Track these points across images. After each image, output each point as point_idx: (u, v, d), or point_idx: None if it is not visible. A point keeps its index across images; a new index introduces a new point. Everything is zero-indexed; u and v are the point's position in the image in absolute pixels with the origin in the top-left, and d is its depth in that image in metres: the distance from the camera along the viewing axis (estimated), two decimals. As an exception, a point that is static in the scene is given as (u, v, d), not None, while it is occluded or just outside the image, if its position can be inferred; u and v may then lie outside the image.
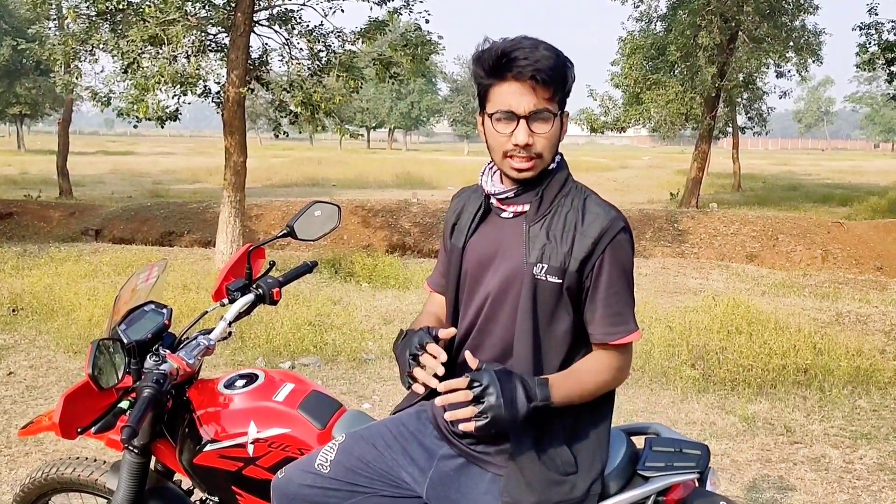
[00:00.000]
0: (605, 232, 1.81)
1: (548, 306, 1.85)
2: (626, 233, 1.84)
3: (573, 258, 1.81)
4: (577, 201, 1.87)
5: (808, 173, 38.85)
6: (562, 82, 1.82)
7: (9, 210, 16.48)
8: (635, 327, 1.86)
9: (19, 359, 6.15)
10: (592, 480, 1.87)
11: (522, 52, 1.76)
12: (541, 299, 1.85)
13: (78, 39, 9.60)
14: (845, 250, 13.76)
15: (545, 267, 1.83)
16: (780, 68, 22.73)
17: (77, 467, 2.54)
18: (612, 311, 1.83)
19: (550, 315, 1.85)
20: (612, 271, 1.82)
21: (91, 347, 1.99)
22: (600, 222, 1.82)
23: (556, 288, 1.83)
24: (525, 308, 1.85)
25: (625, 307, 1.85)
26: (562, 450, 1.86)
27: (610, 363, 1.86)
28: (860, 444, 4.68)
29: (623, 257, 1.84)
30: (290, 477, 2.06)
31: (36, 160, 36.41)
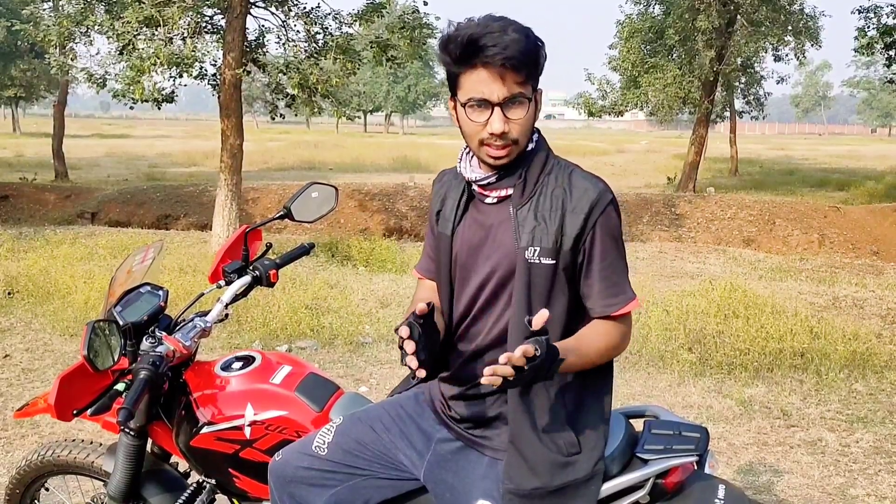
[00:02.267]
0: (595, 205, 1.79)
1: (543, 290, 1.82)
2: (613, 203, 1.83)
3: (566, 236, 1.79)
4: (562, 178, 1.84)
5: (806, 158, 38.82)
6: (533, 65, 1.77)
7: (4, 193, 16.44)
8: (633, 295, 1.86)
9: (15, 341, 6.13)
10: (597, 459, 1.86)
11: (491, 38, 1.70)
12: (535, 283, 1.82)
13: (73, 21, 9.53)
14: (842, 235, 13.78)
15: (537, 250, 1.80)
16: (778, 52, 22.66)
17: (73, 450, 2.53)
18: (609, 282, 1.82)
19: (546, 298, 1.82)
20: (604, 242, 1.81)
21: (86, 329, 1.97)
22: (589, 196, 1.80)
23: (550, 270, 1.81)
24: (520, 294, 1.83)
25: (620, 276, 1.85)
26: (564, 430, 1.85)
27: (613, 332, 1.85)
28: (856, 428, 4.69)
29: (613, 227, 1.82)
30: (287, 459, 2.05)
31: (31, 143, 36.27)
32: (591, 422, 1.89)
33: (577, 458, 1.85)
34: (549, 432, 1.84)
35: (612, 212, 1.82)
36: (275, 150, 33.80)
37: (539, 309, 1.77)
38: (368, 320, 6.77)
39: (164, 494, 2.39)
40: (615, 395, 5.18)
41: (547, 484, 1.82)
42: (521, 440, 1.85)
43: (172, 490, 2.40)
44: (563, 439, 1.85)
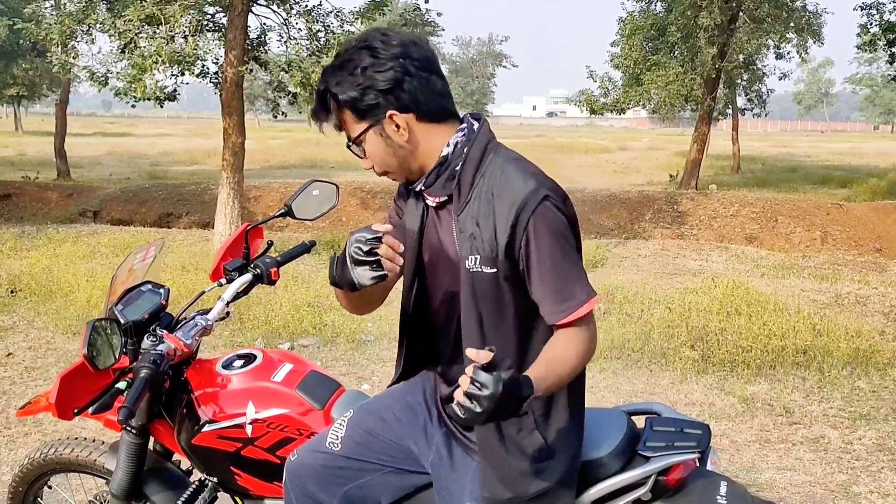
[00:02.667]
0: (522, 208, 1.66)
1: (490, 299, 1.74)
2: (550, 199, 1.68)
3: (498, 244, 1.69)
4: (495, 177, 1.73)
5: (808, 155, 38.74)
6: (342, 107, 1.74)
7: (7, 192, 16.45)
8: (584, 297, 1.69)
9: (18, 340, 6.14)
10: (569, 463, 1.82)
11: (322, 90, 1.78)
12: (481, 293, 1.75)
13: (75, 19, 9.52)
14: (845, 232, 13.76)
15: (478, 258, 1.72)
16: (781, 49, 22.61)
17: (76, 448, 2.54)
18: (553, 287, 1.69)
19: (495, 308, 1.75)
20: (541, 245, 1.67)
21: (86, 328, 1.97)
22: (515, 199, 1.68)
23: (492, 278, 1.72)
24: (467, 305, 1.77)
25: (566, 280, 1.69)
26: (533, 438, 1.79)
27: (576, 339, 1.71)
28: (859, 425, 4.68)
29: (551, 227, 1.68)
30: (302, 459, 2.05)
31: (33, 142, 36.27)
32: (562, 425, 1.82)
33: (550, 464, 1.80)
34: (517, 441, 1.79)
35: (551, 210, 1.68)
36: (276, 148, 33.79)
37: (490, 320, 1.76)
38: (370, 318, 6.77)
39: (167, 492, 2.39)
40: (617, 393, 5.18)
41: (522, 493, 1.80)
42: (489, 451, 1.81)
43: (174, 488, 2.40)
44: (532, 447, 1.79)
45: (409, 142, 1.75)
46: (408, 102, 1.71)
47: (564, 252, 1.69)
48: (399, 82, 1.69)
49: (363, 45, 1.72)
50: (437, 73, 1.75)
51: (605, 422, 2.04)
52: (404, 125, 1.73)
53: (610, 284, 7.57)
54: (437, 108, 1.75)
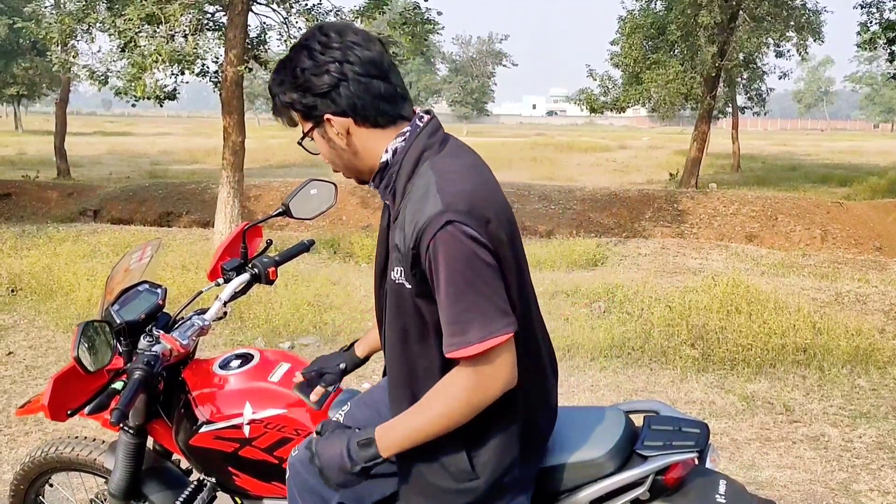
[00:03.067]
0: (423, 231, 1.55)
1: (412, 314, 1.66)
2: (454, 224, 1.54)
3: (405, 260, 1.61)
4: (419, 188, 1.63)
5: (808, 153, 38.74)
6: (295, 108, 1.72)
7: (7, 191, 16.46)
8: (476, 338, 1.54)
9: (19, 339, 6.15)
10: (497, 479, 1.73)
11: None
12: (403, 307, 1.67)
13: (75, 18, 9.53)
14: (845, 230, 13.76)
15: (401, 270, 1.63)
16: (780, 48, 22.62)
17: (76, 447, 2.54)
18: (448, 319, 1.56)
19: (417, 323, 1.66)
20: (440, 273, 1.55)
21: (77, 330, 1.96)
22: (417, 219, 1.57)
23: (410, 293, 1.63)
24: (391, 318, 1.71)
25: (462, 314, 1.55)
26: (458, 456, 1.70)
27: (459, 382, 1.60)
28: (859, 423, 4.68)
29: (450, 254, 1.53)
30: (302, 454, 2.04)
31: (33, 141, 36.28)
32: (493, 444, 1.72)
33: (474, 485, 1.72)
34: (441, 457, 1.71)
35: (451, 236, 1.53)
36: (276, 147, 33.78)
37: (414, 338, 1.69)
38: (371, 317, 6.76)
39: (165, 492, 2.39)
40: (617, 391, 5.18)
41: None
42: (412, 462, 1.77)
43: (173, 488, 2.40)
44: (456, 465, 1.71)
45: (350, 146, 1.71)
46: (345, 107, 1.66)
47: (467, 282, 1.54)
48: (335, 87, 1.64)
49: (303, 45, 1.69)
50: (380, 77, 1.67)
51: (603, 421, 2.04)
52: (343, 130, 1.68)
53: (610, 283, 7.56)
54: (378, 113, 1.68)
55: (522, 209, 14.53)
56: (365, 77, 1.65)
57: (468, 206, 1.57)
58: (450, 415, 1.61)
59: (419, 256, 1.57)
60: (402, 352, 1.72)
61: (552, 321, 6.53)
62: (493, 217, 1.62)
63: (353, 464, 1.65)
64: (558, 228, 13.57)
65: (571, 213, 14.55)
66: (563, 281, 8.00)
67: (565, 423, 2.14)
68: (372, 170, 1.75)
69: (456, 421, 1.62)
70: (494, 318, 1.55)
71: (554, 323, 6.49)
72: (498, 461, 1.72)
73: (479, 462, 1.71)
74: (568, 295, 7.35)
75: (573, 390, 5.19)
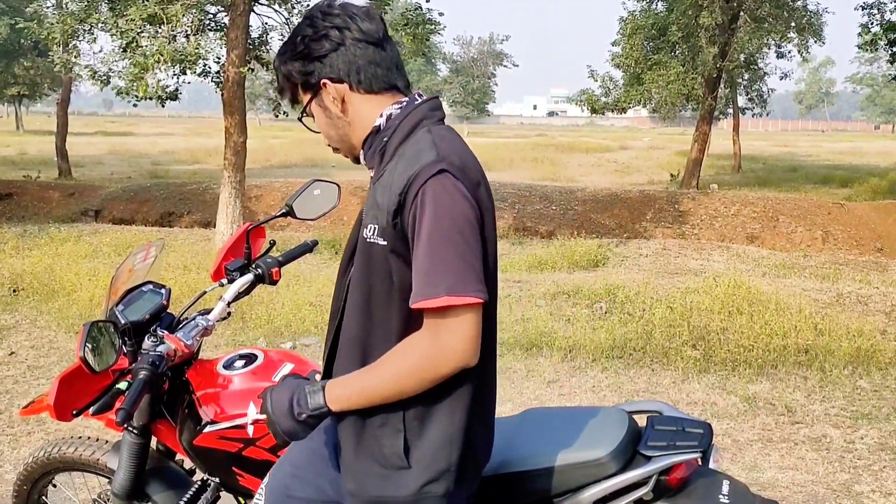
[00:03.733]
0: (415, 177, 1.55)
1: (381, 274, 1.64)
2: (447, 174, 1.56)
3: (389, 214, 1.59)
4: (412, 145, 1.65)
5: (809, 154, 38.74)
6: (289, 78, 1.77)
7: (8, 191, 16.46)
8: (443, 290, 1.50)
9: (21, 339, 6.15)
10: (429, 480, 1.65)
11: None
12: (373, 266, 1.65)
13: (77, 18, 9.54)
14: (846, 231, 13.75)
15: (375, 228, 1.63)
16: (781, 48, 22.61)
17: (79, 447, 2.54)
18: (422, 269, 1.53)
19: (384, 284, 1.65)
20: (423, 220, 1.53)
21: (83, 330, 1.96)
22: (409, 170, 1.58)
23: (383, 251, 1.62)
24: (357, 277, 1.70)
25: (437, 265, 1.52)
26: (393, 442, 1.66)
27: (416, 346, 1.57)
28: (861, 424, 4.68)
29: (438, 202, 1.53)
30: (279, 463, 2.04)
31: (34, 141, 36.30)
32: (434, 437, 1.66)
33: (402, 474, 1.66)
34: (375, 440, 1.68)
35: (443, 189, 1.55)
36: (278, 147, 33.80)
37: (379, 294, 1.67)
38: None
39: (169, 492, 2.39)
40: (618, 392, 5.17)
41: (359, 492, 1.71)
42: (347, 442, 1.74)
43: (177, 487, 2.40)
44: (389, 450, 1.66)
45: (345, 112, 1.73)
46: (341, 72, 1.70)
47: (449, 236, 1.53)
48: (333, 51, 1.69)
49: (307, 17, 1.75)
50: (377, 45, 1.72)
51: (606, 421, 2.04)
52: (338, 95, 1.71)
53: (611, 284, 7.57)
54: (374, 78, 1.71)
55: (523, 210, 14.53)
56: (363, 43, 1.70)
57: (462, 163, 1.61)
58: (400, 380, 1.58)
59: (404, 204, 1.57)
60: (362, 313, 1.69)
61: (554, 322, 6.53)
62: (484, 185, 1.67)
63: (300, 410, 1.64)
64: (559, 229, 13.57)
65: (572, 214, 14.54)
66: (564, 281, 8.01)
67: (568, 424, 2.15)
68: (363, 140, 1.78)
69: (405, 388, 1.58)
70: (468, 278, 1.52)
71: (555, 324, 6.49)
72: (432, 458, 1.66)
73: (415, 453, 1.66)
74: (569, 296, 7.35)
75: (574, 391, 5.19)
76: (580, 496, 1.91)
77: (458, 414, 1.66)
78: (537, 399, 5.04)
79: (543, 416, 2.21)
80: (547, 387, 5.26)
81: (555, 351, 5.84)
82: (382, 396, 1.60)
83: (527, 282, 8.15)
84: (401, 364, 1.57)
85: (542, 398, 5.06)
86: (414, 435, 1.65)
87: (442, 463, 1.66)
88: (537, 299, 7.29)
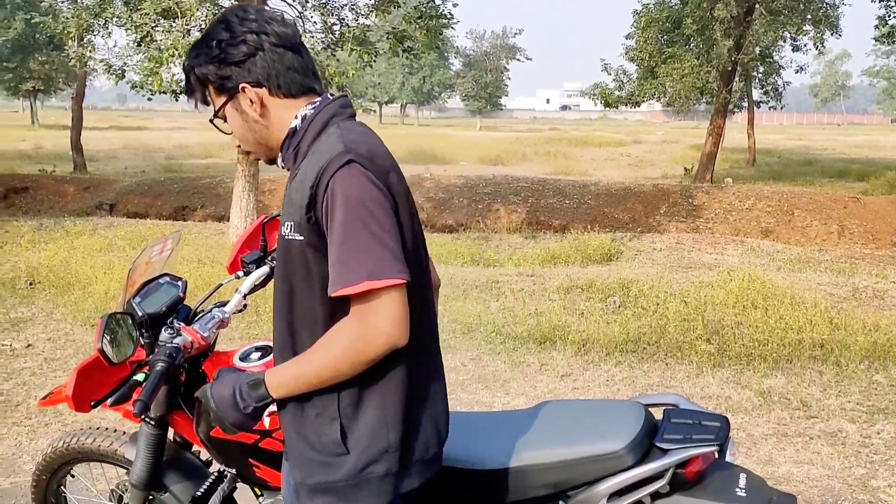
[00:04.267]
0: (324, 169, 1.59)
1: (300, 270, 1.67)
2: (355, 164, 1.59)
3: (303, 208, 1.62)
4: (328, 141, 1.67)
5: (824, 148, 38.46)
6: (203, 81, 1.76)
7: (24, 185, 16.58)
8: (362, 276, 1.54)
9: (37, 331, 6.20)
10: (369, 462, 1.68)
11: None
12: (292, 263, 1.68)
13: (91, 13, 9.60)
14: (862, 225, 13.65)
15: (291, 225, 1.66)
16: (797, 41, 22.46)
17: (97, 437, 2.56)
18: (337, 258, 1.56)
19: (304, 279, 1.67)
20: (335, 211, 1.57)
21: (101, 322, 1.98)
22: (320, 162, 1.61)
23: (300, 246, 1.65)
24: (279, 275, 1.73)
25: (351, 253, 1.55)
26: (330, 429, 1.68)
27: (343, 330, 1.60)
28: (877, 419, 4.65)
29: (348, 192, 1.57)
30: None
31: (50, 135, 36.50)
32: (369, 420, 1.68)
33: (342, 459, 1.68)
34: (312, 428, 1.70)
35: (351, 175, 1.58)
36: (291, 141, 33.82)
37: (300, 290, 1.69)
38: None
39: (186, 482, 2.40)
40: (633, 385, 5.16)
41: (302, 480, 1.73)
42: (287, 432, 1.77)
43: (194, 478, 2.41)
44: (327, 437, 1.68)
45: (263, 116, 1.75)
46: (260, 77, 1.72)
47: (362, 222, 1.56)
48: (251, 56, 1.70)
49: (221, 21, 1.75)
50: (294, 50, 1.75)
51: (622, 413, 2.04)
52: (257, 99, 1.73)
53: (625, 278, 7.55)
54: (292, 83, 1.74)
55: (536, 203, 14.51)
56: (280, 48, 1.72)
57: (369, 152, 1.64)
58: (333, 365, 1.61)
59: (316, 198, 1.60)
60: (287, 308, 1.72)
61: (567, 316, 6.53)
62: (395, 172, 1.70)
63: (244, 403, 1.68)
64: (573, 223, 13.54)
65: (586, 208, 14.51)
66: (577, 276, 7.99)
67: (584, 416, 2.15)
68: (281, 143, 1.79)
69: (339, 372, 1.61)
70: (385, 261, 1.56)
71: (569, 317, 6.48)
72: (369, 441, 1.67)
73: (352, 437, 1.68)
74: (583, 290, 7.34)
75: (588, 384, 5.19)
76: (596, 489, 1.92)
77: (390, 396, 1.68)
78: (551, 392, 5.04)
79: (559, 409, 2.21)
80: (560, 380, 5.26)
81: (568, 345, 5.83)
82: (319, 380, 1.64)
83: (540, 275, 8.14)
84: (333, 349, 1.61)
85: (555, 392, 5.06)
86: (349, 420, 1.68)
87: (380, 443, 1.68)
88: (550, 293, 7.28)
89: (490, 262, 9.86)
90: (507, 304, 6.91)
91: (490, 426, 2.17)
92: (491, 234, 12.61)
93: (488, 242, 11.57)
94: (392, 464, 1.69)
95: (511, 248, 11.01)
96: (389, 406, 1.68)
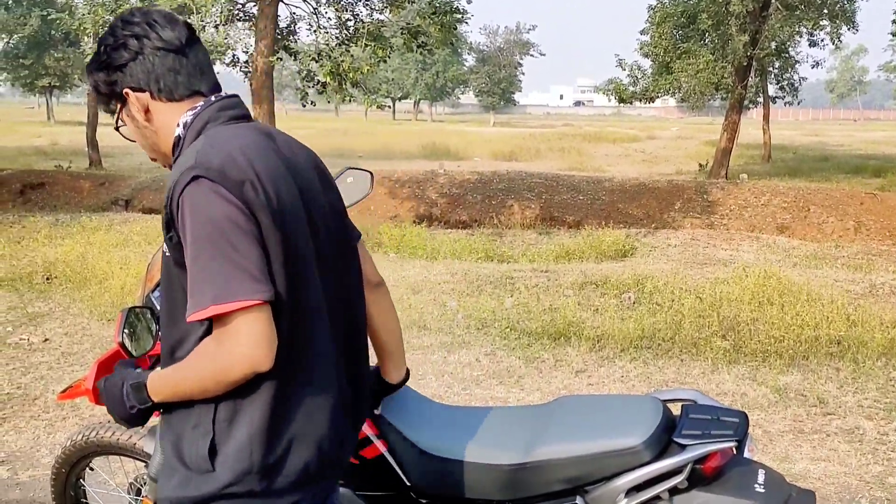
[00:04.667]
0: (173, 189, 1.53)
1: (175, 287, 1.63)
2: (203, 180, 1.50)
3: (165, 224, 1.59)
4: (185, 155, 1.61)
5: (841, 144, 38.18)
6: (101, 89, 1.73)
7: (40, 180, 16.67)
8: (209, 301, 1.46)
9: (54, 326, 6.25)
10: (230, 482, 1.57)
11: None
12: (170, 279, 1.64)
13: (108, 9, 9.65)
14: (879, 222, 13.54)
15: (165, 241, 1.62)
16: (814, 36, 22.30)
17: (116, 431, 2.58)
18: (190, 279, 1.50)
19: (181, 297, 1.59)
20: (185, 230, 1.51)
21: (121, 316, 1.98)
22: (174, 177, 1.55)
23: (170, 262, 1.62)
24: (164, 286, 1.70)
25: (201, 273, 1.48)
26: (202, 444, 1.58)
27: (203, 351, 1.54)
28: (895, 416, 4.63)
29: (195, 210, 1.50)
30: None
31: (65, 131, 36.71)
32: (240, 438, 1.57)
33: (205, 477, 1.58)
34: (183, 440, 1.62)
35: (197, 193, 1.50)
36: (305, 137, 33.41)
37: (181, 308, 1.60)
38: (399, 307, 6.78)
39: (204, 476, 2.41)
40: (648, 381, 5.14)
41: (162, 487, 1.67)
42: (162, 440, 1.73)
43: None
44: (195, 451, 1.59)
45: (150, 122, 1.72)
46: (141, 81, 1.68)
47: (211, 241, 1.48)
48: (132, 60, 1.67)
49: (109, 27, 1.73)
50: (178, 52, 1.69)
51: (640, 409, 2.04)
52: (141, 105, 1.70)
53: (640, 274, 7.53)
54: (175, 86, 1.69)
55: (550, 199, 14.48)
56: (161, 51, 1.68)
57: (221, 164, 1.53)
58: (200, 381, 1.54)
59: (173, 216, 1.54)
60: (170, 321, 1.67)
61: (582, 312, 6.52)
62: (255, 181, 1.54)
63: (130, 403, 1.65)
64: (587, 219, 13.50)
65: (600, 204, 14.47)
66: (592, 272, 7.98)
67: (601, 411, 2.15)
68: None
69: (206, 388, 1.54)
70: (238, 281, 1.47)
71: (583, 313, 6.48)
72: (234, 460, 1.57)
73: (220, 455, 1.58)
74: (597, 286, 7.33)
75: (604, 381, 5.18)
76: (614, 484, 1.91)
77: (259, 412, 1.57)
78: (566, 388, 5.03)
79: (576, 404, 2.21)
80: (575, 376, 5.25)
81: (583, 341, 5.82)
82: (190, 393, 1.58)
83: (554, 272, 8.13)
84: (197, 367, 1.55)
85: (570, 388, 5.05)
86: (222, 436, 1.58)
87: (243, 464, 1.57)
88: (565, 289, 7.27)
89: (504, 258, 9.86)
90: (522, 300, 6.91)
91: (506, 421, 2.17)
92: (505, 229, 12.60)
93: (502, 238, 11.56)
94: (254, 485, 1.58)
95: (525, 244, 11.00)
96: (256, 424, 1.57)
